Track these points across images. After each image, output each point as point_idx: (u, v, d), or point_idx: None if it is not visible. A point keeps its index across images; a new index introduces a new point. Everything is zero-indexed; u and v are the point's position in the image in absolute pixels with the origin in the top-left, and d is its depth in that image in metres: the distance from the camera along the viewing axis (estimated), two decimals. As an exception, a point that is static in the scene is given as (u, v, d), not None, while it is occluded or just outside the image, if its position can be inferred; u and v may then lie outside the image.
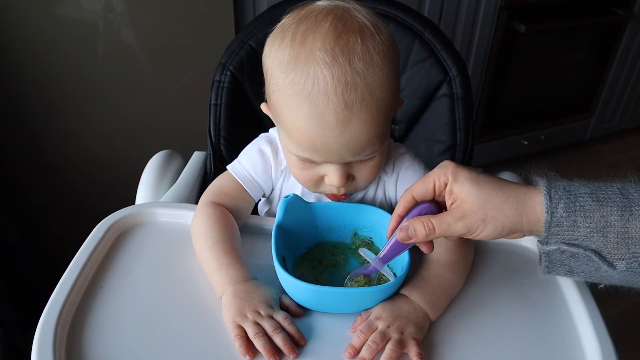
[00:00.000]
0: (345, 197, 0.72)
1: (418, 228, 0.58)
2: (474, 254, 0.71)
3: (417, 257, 0.67)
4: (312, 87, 0.59)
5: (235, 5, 1.48)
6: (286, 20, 0.64)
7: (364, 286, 0.64)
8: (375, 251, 0.71)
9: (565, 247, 0.53)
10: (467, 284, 0.68)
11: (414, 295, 0.63)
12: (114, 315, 0.61)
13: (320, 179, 0.69)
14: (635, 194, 0.52)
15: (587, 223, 0.52)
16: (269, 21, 1.00)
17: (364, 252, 0.66)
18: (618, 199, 0.52)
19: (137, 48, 1.41)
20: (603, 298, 0.66)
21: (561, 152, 2.52)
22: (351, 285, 0.64)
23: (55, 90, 1.37)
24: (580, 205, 0.53)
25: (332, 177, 0.66)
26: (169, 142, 1.36)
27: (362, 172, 0.68)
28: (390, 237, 0.62)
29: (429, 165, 0.81)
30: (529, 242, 0.75)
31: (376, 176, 0.71)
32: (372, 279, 0.65)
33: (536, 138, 2.39)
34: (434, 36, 1.04)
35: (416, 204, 0.61)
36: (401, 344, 0.58)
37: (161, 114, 1.54)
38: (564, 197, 0.53)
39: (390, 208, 0.78)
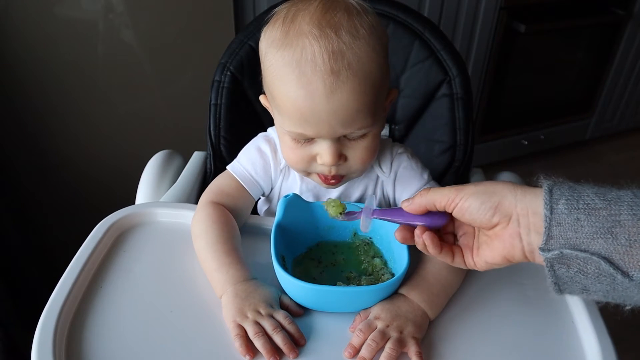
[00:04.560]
0: (335, 181, 0.71)
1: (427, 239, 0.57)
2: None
3: (416, 256, 0.67)
4: (301, 56, 0.62)
5: (235, 5, 1.48)
6: (279, 8, 0.68)
7: (363, 285, 0.64)
8: (375, 251, 0.71)
9: (568, 251, 0.47)
10: (467, 284, 0.68)
11: (412, 294, 0.63)
12: (114, 315, 0.61)
13: (312, 159, 0.69)
14: None
15: (592, 221, 0.46)
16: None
17: (356, 205, 0.65)
18: (629, 199, 0.46)
19: (137, 48, 1.41)
20: (603, 298, 0.66)
21: (561, 152, 2.52)
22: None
23: (55, 90, 1.37)
24: (585, 203, 0.47)
25: (324, 155, 0.66)
26: (169, 142, 1.36)
27: (355, 153, 0.68)
28: (402, 206, 0.59)
29: (428, 165, 0.82)
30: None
31: (370, 161, 0.71)
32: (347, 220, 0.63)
33: (536, 138, 2.39)
34: (434, 36, 1.04)
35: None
36: (400, 343, 0.58)
37: (161, 114, 1.54)
38: (566, 193, 0.48)
39: (388, 207, 0.78)
